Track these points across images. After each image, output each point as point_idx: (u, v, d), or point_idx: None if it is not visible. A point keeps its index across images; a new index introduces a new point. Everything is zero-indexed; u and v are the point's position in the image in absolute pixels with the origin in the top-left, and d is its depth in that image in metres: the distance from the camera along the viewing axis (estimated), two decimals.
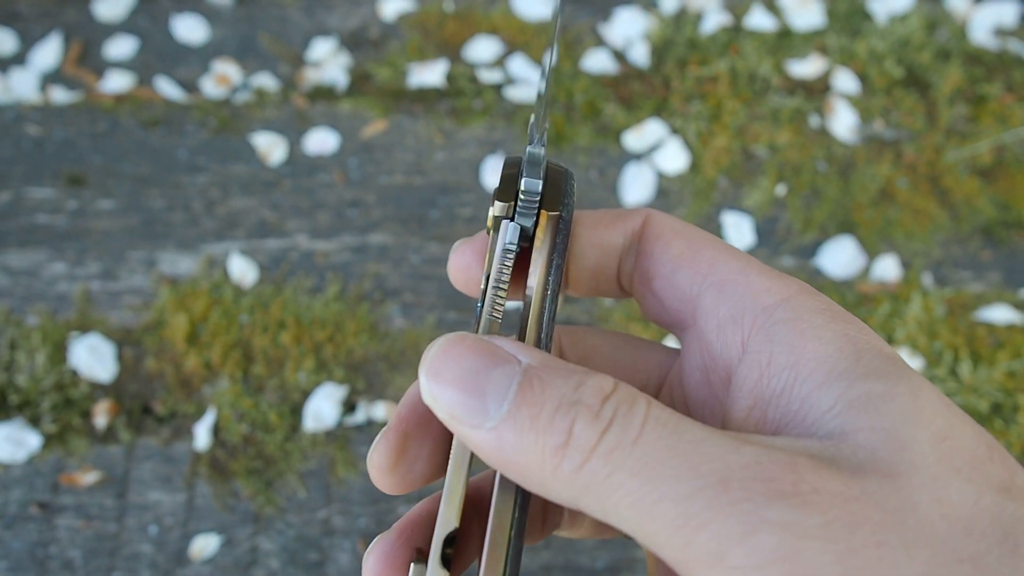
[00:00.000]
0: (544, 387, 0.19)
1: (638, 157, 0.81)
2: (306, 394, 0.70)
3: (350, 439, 0.68)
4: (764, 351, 0.21)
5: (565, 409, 0.18)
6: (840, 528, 0.17)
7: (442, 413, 0.19)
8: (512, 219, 0.23)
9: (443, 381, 0.19)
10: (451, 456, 0.21)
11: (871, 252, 0.76)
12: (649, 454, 0.18)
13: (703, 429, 0.18)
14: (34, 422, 0.68)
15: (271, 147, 0.81)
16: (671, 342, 0.35)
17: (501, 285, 0.23)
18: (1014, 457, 0.20)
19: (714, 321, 0.23)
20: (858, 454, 0.18)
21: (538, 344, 0.23)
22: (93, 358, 0.70)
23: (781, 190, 0.80)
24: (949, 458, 0.19)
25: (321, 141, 0.82)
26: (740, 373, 0.22)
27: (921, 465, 0.18)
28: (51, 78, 0.86)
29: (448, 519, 0.21)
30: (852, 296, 0.73)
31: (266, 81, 0.86)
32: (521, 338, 0.23)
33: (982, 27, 0.89)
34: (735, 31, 0.89)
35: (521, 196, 0.23)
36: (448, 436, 0.22)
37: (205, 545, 0.64)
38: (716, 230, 0.77)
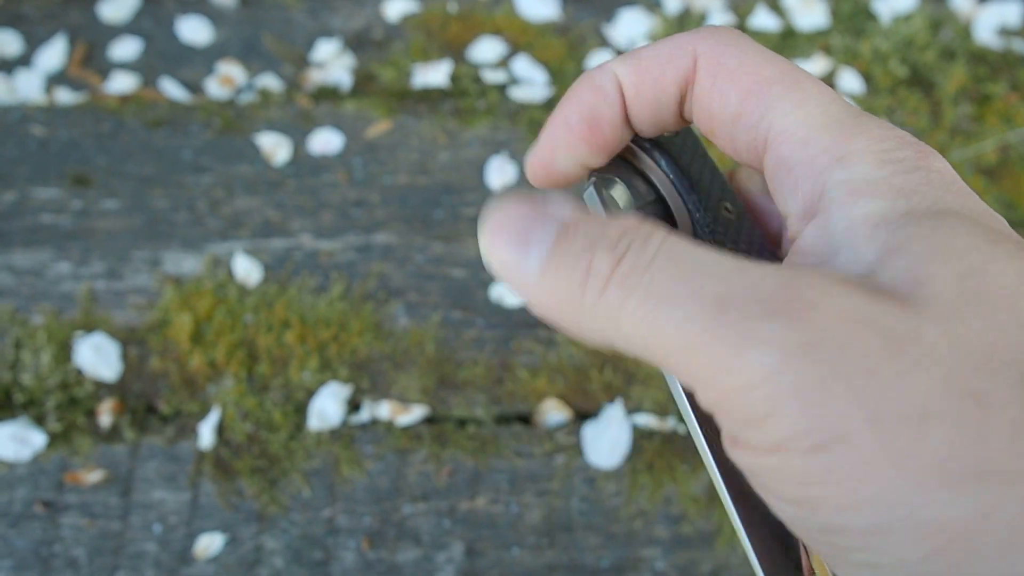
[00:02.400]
0: (576, 233, 0.20)
1: None
2: (310, 393, 0.70)
3: (354, 438, 0.68)
4: (821, 218, 0.21)
5: (589, 246, 0.19)
6: (830, 348, 0.17)
7: (498, 271, 0.20)
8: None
9: (496, 242, 0.21)
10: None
11: None
12: (658, 280, 0.18)
13: (715, 255, 0.18)
14: (39, 421, 0.68)
15: (275, 147, 0.81)
16: None
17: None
18: None
19: (776, 184, 0.23)
20: (876, 291, 0.18)
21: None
22: (98, 357, 0.70)
23: None
24: (974, 293, 0.18)
25: (325, 141, 0.82)
26: (791, 238, 0.22)
27: (937, 300, 0.18)
28: (56, 79, 0.86)
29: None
30: None
31: (270, 82, 0.86)
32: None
33: (986, 27, 0.88)
34: (739, 31, 0.89)
35: None
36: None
37: (209, 544, 0.64)
38: None
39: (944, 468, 0.17)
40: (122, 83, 0.85)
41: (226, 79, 0.86)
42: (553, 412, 0.70)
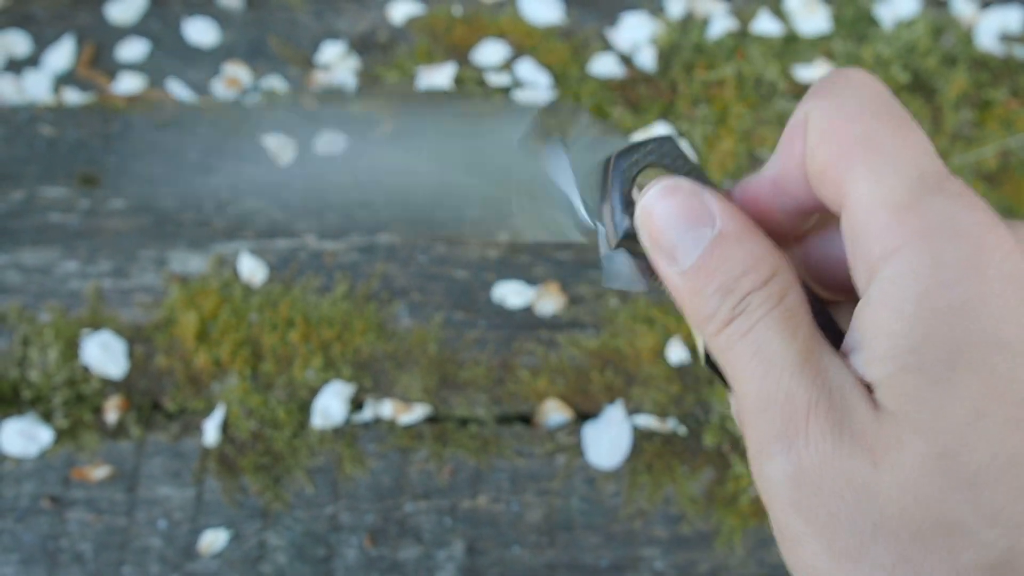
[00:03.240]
0: (720, 261, 0.24)
1: None
2: (314, 392, 0.70)
3: (357, 436, 0.69)
4: (859, 307, 0.23)
5: (723, 291, 0.23)
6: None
7: (648, 243, 0.25)
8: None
9: (652, 221, 0.25)
10: None
11: None
12: (745, 349, 0.23)
13: (792, 348, 0.22)
14: (46, 417, 0.69)
15: (281, 148, 0.82)
16: None
17: None
18: None
19: (847, 248, 0.25)
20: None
21: None
22: (104, 355, 0.71)
23: None
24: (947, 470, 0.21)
25: (330, 142, 0.82)
26: (854, 316, 0.24)
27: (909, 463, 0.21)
28: (64, 80, 0.87)
29: None
30: None
31: (276, 83, 0.87)
32: None
33: (988, 33, 0.89)
34: (742, 36, 0.89)
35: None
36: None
37: (214, 540, 0.65)
38: None
39: None
40: (129, 84, 0.86)
41: (232, 80, 0.87)
42: (554, 412, 0.70)
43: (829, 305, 0.30)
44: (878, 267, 0.22)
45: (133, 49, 0.89)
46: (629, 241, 0.27)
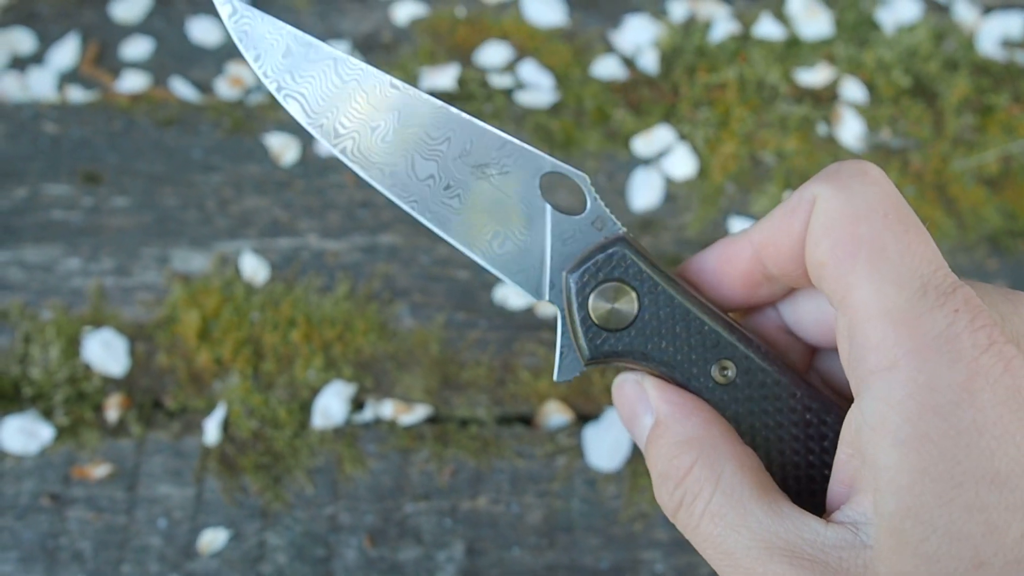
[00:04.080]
0: (656, 449, 0.27)
1: (646, 162, 0.82)
2: (315, 391, 0.70)
3: (358, 437, 0.69)
4: (853, 413, 0.24)
5: (663, 478, 0.27)
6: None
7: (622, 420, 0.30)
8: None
9: (617, 403, 0.30)
10: None
11: None
12: (701, 543, 0.25)
13: (744, 511, 0.25)
14: (47, 415, 0.69)
15: (284, 148, 0.82)
16: None
17: None
18: None
19: (840, 344, 0.26)
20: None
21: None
22: (106, 352, 0.71)
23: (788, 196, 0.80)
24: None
25: None
26: (844, 423, 0.26)
27: None
28: (68, 77, 0.87)
29: None
30: None
31: None
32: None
33: (990, 38, 0.89)
34: (744, 39, 0.90)
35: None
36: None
37: (213, 539, 0.65)
38: (723, 236, 0.78)
39: None
40: (133, 82, 0.86)
41: (236, 80, 0.87)
42: (555, 414, 0.70)
43: (814, 354, 0.31)
44: (873, 379, 0.22)
45: (137, 48, 0.89)
46: (593, 361, 0.30)
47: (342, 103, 0.30)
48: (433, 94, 0.85)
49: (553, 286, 0.30)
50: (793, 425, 0.29)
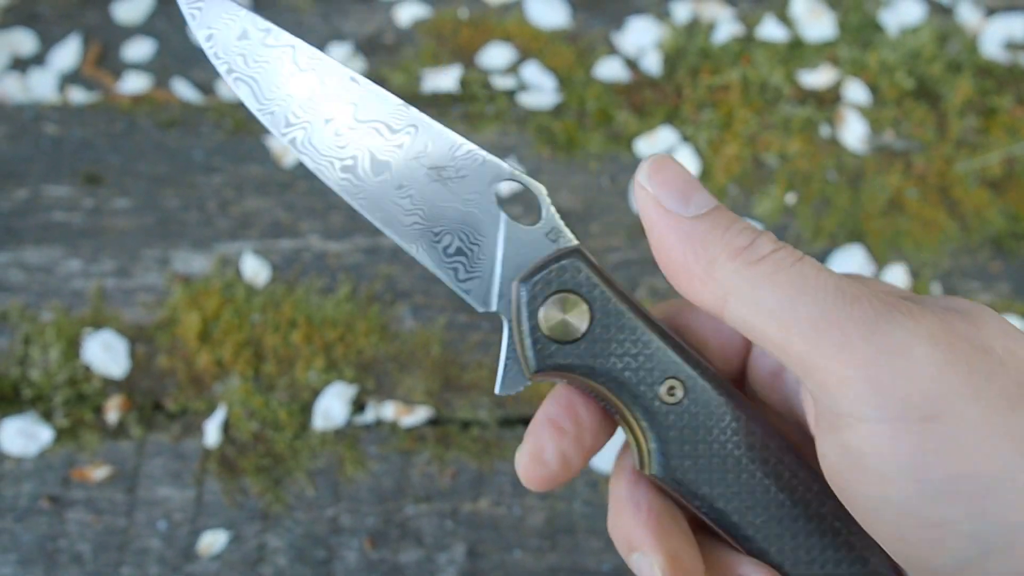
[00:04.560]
0: (733, 215, 0.26)
1: None
2: (316, 393, 0.70)
3: (359, 438, 0.69)
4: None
5: (751, 231, 0.25)
6: (948, 336, 0.22)
7: (649, 199, 0.26)
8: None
9: (659, 178, 0.26)
10: None
11: (880, 261, 0.77)
12: (807, 268, 0.24)
13: (824, 281, 0.24)
14: (46, 416, 0.69)
15: (285, 149, 0.82)
16: None
17: None
18: None
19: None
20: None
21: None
22: (106, 354, 0.71)
23: (791, 198, 0.80)
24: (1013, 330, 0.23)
25: None
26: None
27: (991, 322, 0.23)
28: (70, 79, 0.87)
29: None
30: None
31: None
32: None
33: (993, 40, 0.89)
34: (747, 41, 0.89)
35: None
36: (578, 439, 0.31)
37: (213, 541, 0.65)
38: None
39: None
40: (135, 83, 0.86)
41: None
42: None
43: (750, 347, 0.33)
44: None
45: (139, 49, 0.89)
46: (539, 374, 0.30)
47: (296, 92, 0.29)
48: (436, 96, 0.85)
49: (502, 296, 0.30)
50: (736, 447, 0.29)
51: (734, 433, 0.29)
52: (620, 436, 0.32)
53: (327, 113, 0.29)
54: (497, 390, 0.30)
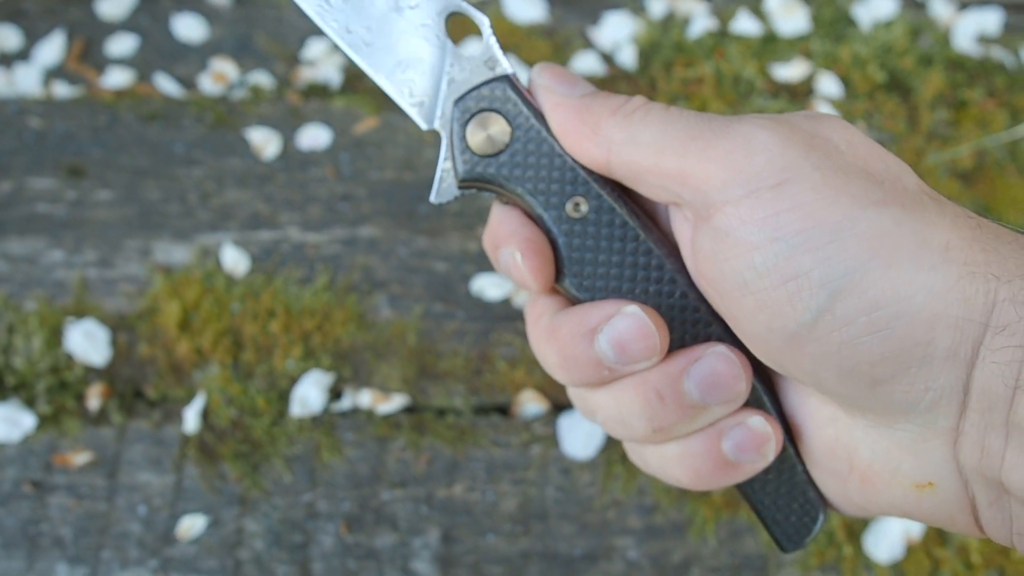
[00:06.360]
0: (612, 94, 0.31)
1: None
2: (293, 381, 0.71)
3: (335, 425, 0.70)
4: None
5: (626, 96, 0.31)
6: (785, 129, 0.28)
7: (545, 89, 0.32)
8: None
9: (551, 70, 0.33)
10: None
11: None
12: (671, 110, 0.29)
13: (684, 114, 0.29)
14: (29, 403, 0.70)
15: (265, 142, 0.83)
16: None
17: None
18: None
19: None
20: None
21: None
22: (88, 343, 0.72)
23: None
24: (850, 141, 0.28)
25: (314, 137, 0.84)
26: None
27: (833, 128, 0.28)
28: (54, 73, 0.88)
29: None
30: None
31: (262, 79, 0.88)
32: None
33: (965, 34, 0.90)
34: (721, 35, 0.91)
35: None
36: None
37: (192, 525, 0.66)
38: None
39: (866, 197, 0.24)
40: (118, 78, 0.88)
41: (219, 75, 0.88)
42: (530, 403, 0.71)
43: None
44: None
45: (122, 44, 0.90)
46: (466, 183, 0.34)
47: None
48: None
49: (443, 115, 0.34)
50: (633, 266, 0.33)
51: (632, 252, 0.32)
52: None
53: None
54: (432, 198, 0.34)
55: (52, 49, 0.89)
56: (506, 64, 0.34)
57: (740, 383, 0.30)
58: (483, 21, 0.34)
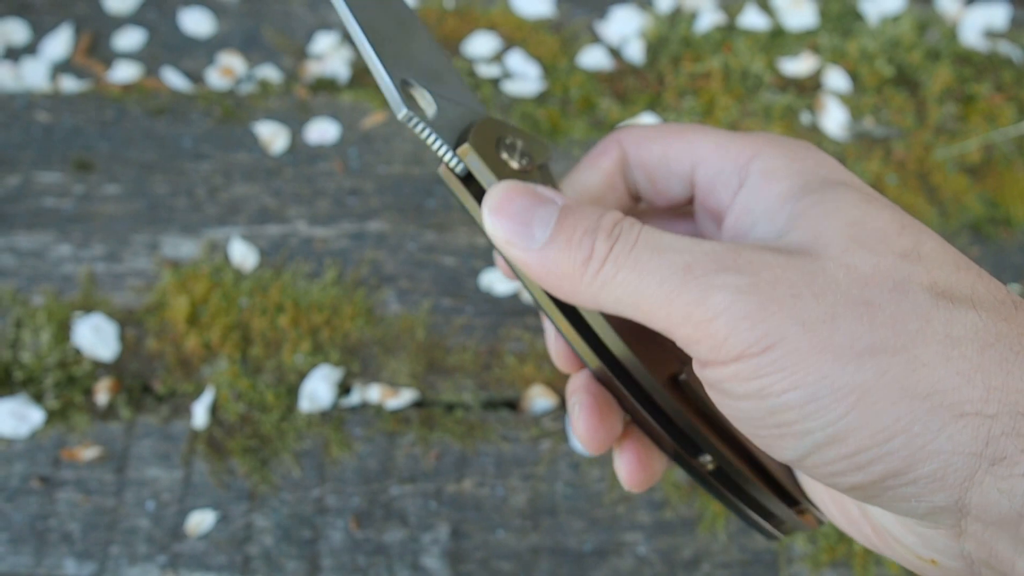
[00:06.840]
0: (575, 219, 0.27)
1: None
2: (302, 375, 0.71)
3: (344, 420, 0.70)
4: (741, 199, 0.29)
5: (590, 233, 0.26)
6: (766, 285, 0.25)
7: (500, 240, 0.27)
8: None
9: (502, 215, 0.27)
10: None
11: None
12: (641, 255, 0.26)
13: (679, 238, 0.26)
14: (37, 398, 0.70)
15: (273, 136, 0.83)
16: None
17: None
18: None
19: (706, 190, 0.31)
20: (791, 246, 0.26)
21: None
22: (96, 337, 0.72)
23: None
24: (858, 236, 0.26)
25: (322, 131, 0.83)
26: (727, 220, 0.30)
27: (833, 244, 0.25)
28: (61, 68, 0.88)
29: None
30: None
31: (270, 73, 0.88)
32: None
33: (972, 29, 0.90)
34: (729, 29, 0.90)
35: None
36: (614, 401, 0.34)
37: (201, 521, 0.66)
38: None
39: (851, 349, 0.24)
40: (125, 72, 0.87)
41: (227, 70, 0.88)
42: (540, 398, 0.71)
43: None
44: (734, 183, 0.30)
45: (130, 38, 0.90)
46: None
47: None
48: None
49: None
50: None
51: None
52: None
53: None
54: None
55: (60, 43, 0.89)
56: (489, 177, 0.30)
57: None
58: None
